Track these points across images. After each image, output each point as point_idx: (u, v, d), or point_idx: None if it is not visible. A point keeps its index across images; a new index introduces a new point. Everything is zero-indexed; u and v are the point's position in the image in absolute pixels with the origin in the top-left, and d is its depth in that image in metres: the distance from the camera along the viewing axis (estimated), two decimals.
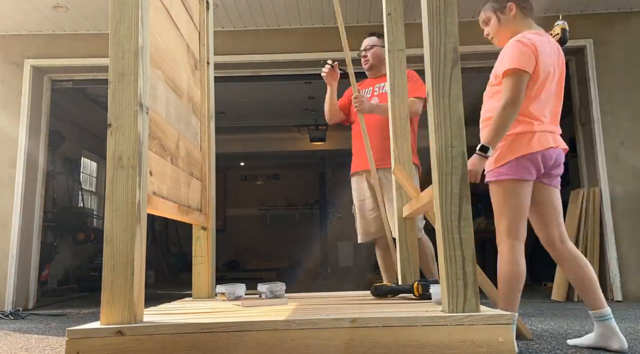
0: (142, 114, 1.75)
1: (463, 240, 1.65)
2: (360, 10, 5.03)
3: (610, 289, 4.76)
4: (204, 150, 2.93)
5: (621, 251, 4.82)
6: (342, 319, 1.58)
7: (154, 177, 2.00)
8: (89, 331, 1.56)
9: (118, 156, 1.69)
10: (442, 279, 1.68)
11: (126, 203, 1.66)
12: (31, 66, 5.22)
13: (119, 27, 1.76)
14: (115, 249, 1.64)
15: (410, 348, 1.54)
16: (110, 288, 1.62)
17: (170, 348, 1.55)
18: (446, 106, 1.73)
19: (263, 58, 5.29)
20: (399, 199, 2.88)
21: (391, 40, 2.96)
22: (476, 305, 1.62)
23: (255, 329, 1.57)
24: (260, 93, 7.08)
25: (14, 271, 4.88)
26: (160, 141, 2.14)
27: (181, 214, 2.38)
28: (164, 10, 2.27)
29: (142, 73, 1.76)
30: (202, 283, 2.83)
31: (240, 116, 8.01)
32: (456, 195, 1.68)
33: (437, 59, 1.74)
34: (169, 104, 2.30)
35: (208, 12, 3.11)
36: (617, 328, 2.26)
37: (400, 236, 2.85)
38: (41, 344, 2.84)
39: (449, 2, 1.77)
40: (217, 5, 4.72)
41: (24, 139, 5.09)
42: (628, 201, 4.89)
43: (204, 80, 2.98)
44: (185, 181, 2.52)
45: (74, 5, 4.76)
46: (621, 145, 4.98)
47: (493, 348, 1.54)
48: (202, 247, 2.85)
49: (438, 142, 1.71)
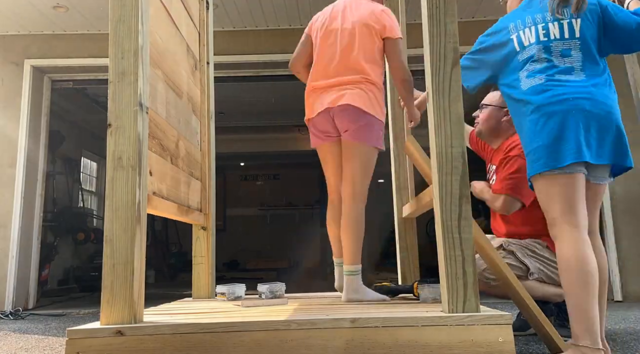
0: (142, 114, 1.75)
1: (463, 240, 1.65)
2: None
3: (610, 289, 4.76)
4: (204, 150, 2.93)
5: (621, 251, 4.82)
6: (342, 319, 1.58)
7: (154, 177, 2.00)
8: (89, 331, 1.56)
9: (118, 156, 1.69)
10: (442, 279, 1.68)
11: (126, 203, 1.66)
12: (31, 66, 5.22)
13: (119, 27, 1.76)
14: (115, 249, 1.64)
15: (410, 348, 1.54)
16: (110, 288, 1.62)
17: (171, 348, 1.55)
18: (446, 106, 1.73)
19: (263, 58, 5.29)
20: (399, 199, 2.89)
21: None
22: (476, 305, 1.62)
23: (255, 329, 1.57)
24: (260, 93, 7.08)
25: (14, 271, 4.88)
26: (160, 141, 2.14)
27: (181, 214, 2.38)
28: (164, 10, 2.27)
29: (142, 73, 1.76)
30: (202, 283, 2.83)
31: (240, 116, 8.01)
32: (456, 195, 1.68)
33: (437, 59, 1.75)
34: (169, 104, 2.30)
35: (208, 12, 3.11)
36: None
37: (400, 236, 2.85)
38: (41, 344, 2.84)
39: (449, 2, 1.77)
40: (217, 5, 4.72)
41: (23, 139, 5.09)
42: (628, 201, 4.88)
43: (204, 80, 2.99)
44: (185, 181, 2.52)
45: (74, 5, 4.76)
46: None
47: (493, 348, 1.54)
48: (202, 247, 2.85)
49: (438, 142, 1.71)
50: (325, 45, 2.44)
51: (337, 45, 2.40)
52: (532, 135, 1.88)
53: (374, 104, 2.32)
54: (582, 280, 1.74)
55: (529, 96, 1.90)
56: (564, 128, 1.82)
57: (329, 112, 2.35)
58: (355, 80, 2.33)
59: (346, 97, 2.30)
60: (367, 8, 2.42)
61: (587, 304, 1.74)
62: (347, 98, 2.30)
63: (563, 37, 1.92)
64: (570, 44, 1.92)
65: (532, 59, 1.94)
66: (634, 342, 2.50)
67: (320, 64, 2.44)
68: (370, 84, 2.33)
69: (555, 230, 1.84)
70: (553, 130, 1.83)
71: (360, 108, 2.29)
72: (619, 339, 2.56)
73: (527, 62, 1.95)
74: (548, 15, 1.95)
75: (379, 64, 2.39)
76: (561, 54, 1.91)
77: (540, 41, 1.94)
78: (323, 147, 2.49)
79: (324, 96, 2.38)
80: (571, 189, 1.82)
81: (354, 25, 2.39)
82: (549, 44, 1.93)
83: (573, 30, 1.92)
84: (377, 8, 2.41)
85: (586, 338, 1.72)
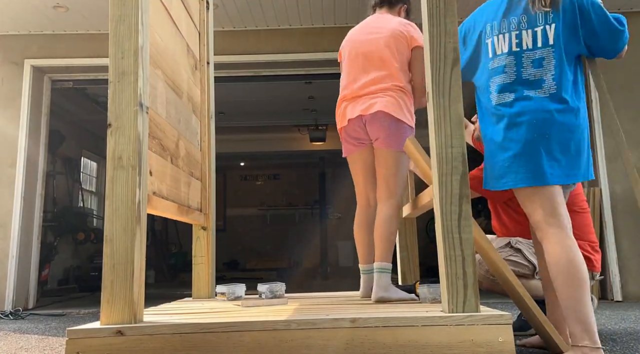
0: (142, 114, 1.75)
1: (463, 240, 1.65)
2: (361, 10, 5.03)
3: (610, 289, 4.76)
4: (204, 150, 2.93)
5: (621, 251, 4.82)
6: (342, 319, 1.58)
7: (154, 177, 2.00)
8: (89, 331, 1.56)
9: (118, 156, 1.69)
10: (442, 279, 1.68)
11: (126, 203, 1.66)
12: (31, 66, 5.22)
13: (119, 27, 1.76)
14: (115, 249, 1.64)
15: (410, 348, 1.54)
16: (110, 287, 1.62)
17: (170, 348, 1.55)
18: (446, 106, 1.73)
19: (263, 58, 5.29)
20: None
21: None
22: (476, 305, 1.62)
23: (255, 329, 1.57)
24: (260, 93, 7.08)
25: (14, 271, 4.88)
26: (160, 140, 2.14)
27: (181, 214, 2.38)
28: (164, 10, 2.27)
29: (142, 73, 1.76)
30: (202, 283, 2.83)
31: (240, 116, 8.01)
32: (456, 195, 1.68)
33: (437, 59, 1.75)
34: (169, 104, 2.30)
35: (208, 12, 3.11)
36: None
37: (400, 235, 2.85)
38: (41, 344, 2.84)
39: (449, 2, 1.77)
40: (217, 5, 4.72)
41: (24, 139, 5.09)
42: (628, 201, 4.88)
43: (204, 80, 2.99)
44: (185, 181, 2.52)
45: (74, 5, 4.76)
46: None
47: (493, 348, 1.54)
48: (202, 247, 2.85)
49: (438, 142, 1.71)
50: (356, 55, 2.51)
51: (367, 55, 2.47)
52: (500, 147, 1.91)
53: (404, 110, 2.37)
54: (574, 281, 1.76)
55: (499, 111, 1.93)
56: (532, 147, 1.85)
57: (361, 119, 2.40)
58: (386, 87, 2.38)
59: (378, 105, 2.35)
60: (396, 21, 2.52)
61: (581, 305, 1.75)
62: (379, 105, 2.35)
63: (536, 46, 1.91)
64: (543, 52, 1.90)
65: (502, 70, 1.95)
66: (633, 342, 2.50)
67: (352, 74, 2.49)
68: (400, 91, 2.38)
69: (540, 233, 1.87)
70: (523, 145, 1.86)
71: (391, 115, 2.33)
72: (619, 339, 2.56)
73: (499, 73, 1.96)
74: (523, 20, 1.94)
75: (407, 72, 2.45)
76: (532, 64, 1.91)
77: (512, 51, 1.94)
78: (354, 155, 2.53)
79: (356, 104, 2.43)
80: (552, 196, 1.85)
81: (385, 35, 2.46)
82: (521, 55, 1.92)
83: (547, 37, 1.90)
84: (404, 21, 2.53)
85: (585, 338, 1.73)
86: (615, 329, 2.88)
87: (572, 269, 1.76)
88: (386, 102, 2.35)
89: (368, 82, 2.41)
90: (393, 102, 2.35)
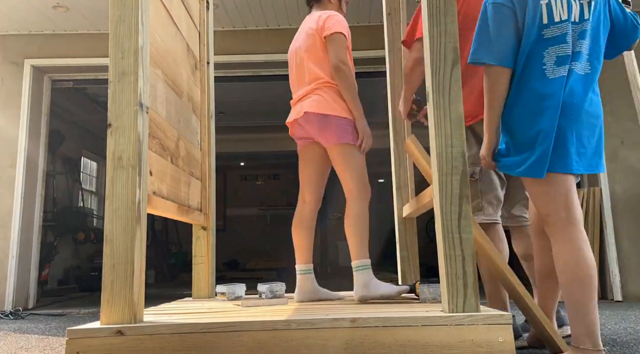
0: (142, 114, 1.76)
1: (463, 240, 1.65)
2: (360, 10, 5.03)
3: (610, 289, 4.76)
4: (204, 150, 2.93)
5: (621, 251, 4.82)
6: (342, 319, 1.58)
7: (154, 177, 2.00)
8: (89, 331, 1.56)
9: (118, 156, 1.69)
10: (442, 279, 1.68)
11: (126, 203, 1.66)
12: (31, 66, 5.22)
13: (119, 27, 1.76)
14: (115, 249, 1.64)
15: (410, 348, 1.54)
16: (110, 287, 1.62)
17: (170, 347, 1.55)
18: (446, 106, 1.73)
19: (263, 58, 5.29)
20: (399, 199, 2.89)
21: (391, 40, 2.97)
22: (476, 305, 1.62)
23: (254, 329, 1.57)
24: (260, 93, 7.08)
25: (14, 271, 4.88)
26: (160, 140, 2.14)
27: (181, 214, 2.38)
28: (164, 10, 2.27)
29: (142, 73, 1.76)
30: (202, 282, 2.83)
31: (240, 116, 8.01)
32: (456, 195, 1.68)
33: (437, 59, 1.75)
34: (169, 104, 2.30)
35: (208, 12, 3.11)
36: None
37: (400, 235, 2.85)
38: (41, 344, 2.84)
39: (449, 2, 1.77)
40: (217, 5, 4.72)
41: (24, 139, 5.09)
42: (628, 201, 4.88)
43: (204, 80, 2.99)
44: (185, 181, 2.52)
45: (74, 5, 4.76)
46: (621, 145, 4.98)
47: (493, 348, 1.54)
48: (202, 247, 2.86)
49: (438, 142, 1.71)
50: (292, 66, 2.63)
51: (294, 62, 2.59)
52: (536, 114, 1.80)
53: (332, 103, 2.37)
54: (582, 282, 1.72)
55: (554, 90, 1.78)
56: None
57: (297, 123, 2.47)
58: (312, 89, 2.43)
59: (305, 107, 2.41)
60: (314, 18, 2.53)
61: (586, 307, 1.72)
62: (306, 107, 2.41)
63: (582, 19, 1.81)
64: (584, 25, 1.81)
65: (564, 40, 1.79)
66: (633, 342, 2.50)
67: (293, 86, 2.61)
68: (326, 86, 2.41)
69: (550, 228, 1.81)
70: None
71: (315, 112, 2.37)
72: (619, 339, 2.56)
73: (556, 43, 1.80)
74: None
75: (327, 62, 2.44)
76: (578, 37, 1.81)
77: (570, 20, 1.80)
78: (300, 153, 2.59)
79: (293, 110, 2.54)
80: (567, 187, 1.80)
81: (302, 36, 2.54)
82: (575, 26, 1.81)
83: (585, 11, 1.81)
84: (324, 14, 2.49)
85: (587, 341, 1.71)
86: (615, 329, 2.88)
87: (581, 273, 1.72)
88: (311, 101, 2.40)
89: (302, 91, 2.49)
90: (318, 100, 2.39)
